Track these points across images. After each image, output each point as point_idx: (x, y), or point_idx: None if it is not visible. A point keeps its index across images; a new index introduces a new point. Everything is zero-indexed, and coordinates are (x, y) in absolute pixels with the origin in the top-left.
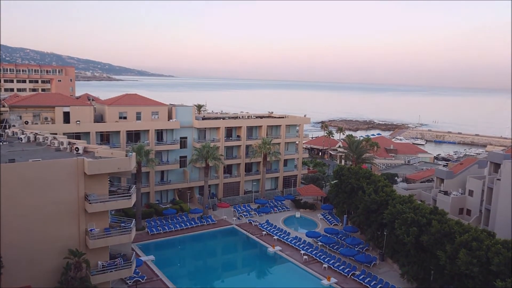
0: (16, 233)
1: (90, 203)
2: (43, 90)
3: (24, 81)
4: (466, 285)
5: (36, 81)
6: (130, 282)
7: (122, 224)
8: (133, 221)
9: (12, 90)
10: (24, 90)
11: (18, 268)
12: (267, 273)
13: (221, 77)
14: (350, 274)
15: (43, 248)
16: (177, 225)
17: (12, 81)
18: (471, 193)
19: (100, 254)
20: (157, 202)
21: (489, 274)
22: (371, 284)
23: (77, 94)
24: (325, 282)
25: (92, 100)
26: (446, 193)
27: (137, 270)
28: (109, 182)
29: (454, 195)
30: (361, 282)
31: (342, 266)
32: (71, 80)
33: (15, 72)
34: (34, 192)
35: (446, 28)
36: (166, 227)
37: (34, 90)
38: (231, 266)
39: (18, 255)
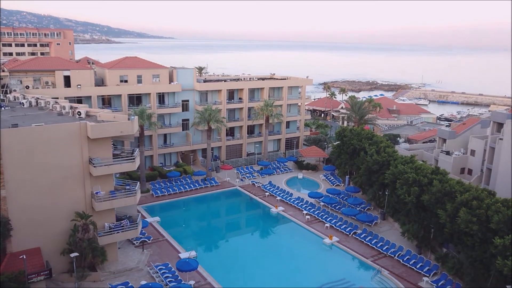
0: (24, 197)
1: (94, 166)
2: (42, 54)
3: (22, 45)
4: (465, 242)
5: (35, 45)
6: (136, 243)
7: (127, 187)
8: (138, 183)
9: (10, 54)
10: (23, 54)
11: (27, 231)
12: (270, 232)
13: (222, 38)
14: (351, 233)
15: (50, 211)
16: (181, 187)
17: (10, 45)
18: (473, 152)
19: (106, 216)
20: (161, 165)
21: (488, 232)
22: (372, 242)
23: (77, 57)
24: (327, 240)
25: (92, 63)
26: (448, 153)
27: (143, 231)
28: (112, 145)
29: (456, 155)
30: (362, 240)
31: (344, 225)
32: (70, 43)
33: (13, 36)
34: (38, 157)
35: None
36: (170, 189)
37: (33, 54)
38: (235, 226)
39: (26, 218)
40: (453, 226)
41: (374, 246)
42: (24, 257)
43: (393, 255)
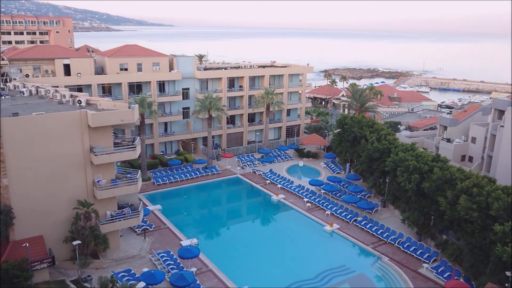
0: (25, 185)
1: (95, 155)
2: (41, 42)
3: (21, 33)
4: (465, 229)
5: (34, 33)
6: (138, 230)
7: (128, 175)
8: (139, 172)
9: (10, 42)
10: (22, 42)
11: (29, 219)
12: (271, 220)
13: (222, 26)
14: (352, 220)
15: (52, 200)
16: (182, 175)
17: (9, 33)
18: (473, 140)
19: (108, 204)
20: (162, 153)
21: (488, 219)
22: (373, 229)
23: (76, 45)
24: (327, 228)
25: (92, 51)
26: (448, 140)
27: (145, 219)
28: (113, 134)
29: (456, 142)
30: (363, 227)
31: (345, 213)
32: (69, 31)
33: (11, 24)
34: (39, 145)
35: None
36: (171, 178)
37: (32, 42)
38: (236, 214)
39: (28, 206)
40: (453, 213)
41: (374, 233)
42: (27, 245)
43: (393, 242)
